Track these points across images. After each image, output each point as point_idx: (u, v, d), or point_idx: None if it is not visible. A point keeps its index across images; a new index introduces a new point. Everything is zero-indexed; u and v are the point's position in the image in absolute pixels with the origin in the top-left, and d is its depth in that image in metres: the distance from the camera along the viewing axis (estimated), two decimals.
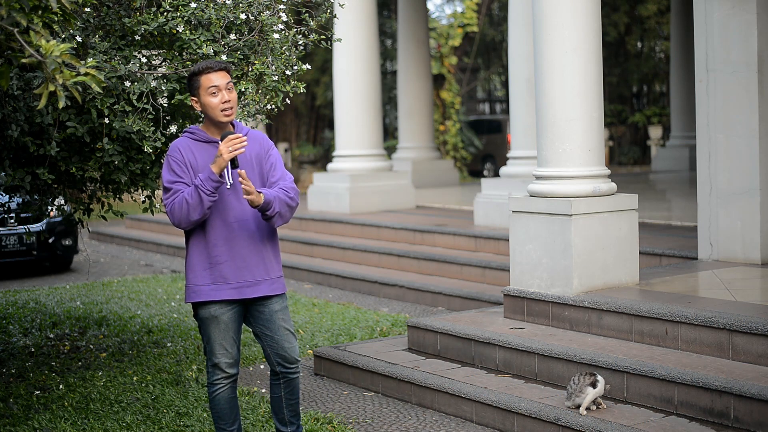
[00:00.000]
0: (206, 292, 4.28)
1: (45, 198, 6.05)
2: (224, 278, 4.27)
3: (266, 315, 4.40)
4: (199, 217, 4.18)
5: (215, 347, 4.35)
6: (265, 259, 4.35)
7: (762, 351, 5.00)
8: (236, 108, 4.30)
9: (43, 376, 6.33)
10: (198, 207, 4.14)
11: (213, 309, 4.31)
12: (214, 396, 4.42)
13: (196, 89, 4.26)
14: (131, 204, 7.11)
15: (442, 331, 6.24)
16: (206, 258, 4.28)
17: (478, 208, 10.46)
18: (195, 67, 4.27)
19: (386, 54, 24.96)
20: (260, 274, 4.33)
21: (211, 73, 4.23)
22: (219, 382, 4.40)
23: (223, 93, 4.22)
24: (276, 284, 4.39)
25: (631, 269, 6.31)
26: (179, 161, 4.25)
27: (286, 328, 4.43)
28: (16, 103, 5.01)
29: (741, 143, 6.92)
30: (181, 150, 4.28)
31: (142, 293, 9.65)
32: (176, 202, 4.18)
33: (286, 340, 4.42)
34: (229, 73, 4.30)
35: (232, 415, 4.46)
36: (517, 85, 10.06)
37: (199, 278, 4.29)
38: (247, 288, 4.31)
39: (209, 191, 4.13)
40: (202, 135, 4.33)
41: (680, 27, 17.09)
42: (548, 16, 6.18)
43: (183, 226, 4.24)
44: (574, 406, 4.90)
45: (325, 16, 5.60)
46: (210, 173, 4.13)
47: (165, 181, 4.25)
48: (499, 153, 22.96)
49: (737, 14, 6.88)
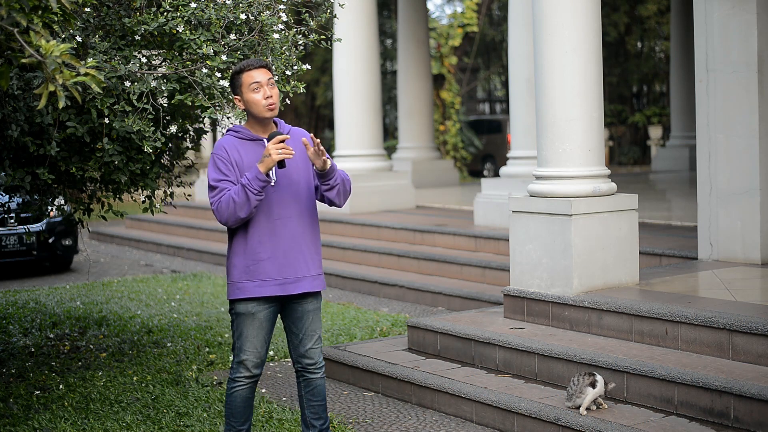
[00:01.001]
0: (250, 288, 4.30)
1: (45, 198, 6.05)
2: (267, 275, 4.29)
3: (298, 313, 4.44)
4: (245, 215, 4.21)
5: (245, 344, 4.36)
6: (307, 255, 4.37)
7: (762, 351, 5.00)
8: (278, 104, 4.34)
9: (43, 376, 6.33)
10: (245, 205, 4.18)
11: (252, 306, 4.33)
12: (232, 392, 4.43)
13: (238, 87, 4.30)
14: (131, 204, 7.10)
15: (442, 331, 6.24)
16: (250, 254, 4.30)
17: (478, 208, 10.46)
18: (235, 67, 4.32)
19: (386, 54, 24.97)
20: (302, 270, 4.35)
21: (252, 70, 4.27)
22: (241, 380, 4.40)
23: (265, 89, 4.26)
24: (317, 281, 4.42)
25: (631, 269, 6.31)
26: (225, 160, 4.27)
27: (314, 330, 4.47)
28: (16, 103, 5.01)
29: (741, 143, 6.92)
30: (227, 149, 4.30)
31: (142, 293, 9.65)
32: (223, 200, 4.21)
33: (310, 340, 4.46)
34: (270, 70, 4.34)
35: (244, 415, 4.46)
36: (517, 85, 10.06)
37: (242, 275, 4.31)
38: (290, 284, 4.33)
39: (256, 190, 4.16)
40: (246, 133, 4.35)
41: (680, 27, 17.09)
42: (548, 16, 6.18)
43: (230, 224, 4.26)
44: (574, 406, 4.90)
45: (325, 16, 5.60)
46: (257, 172, 4.16)
47: (211, 179, 4.28)
48: (499, 153, 22.96)
49: (737, 14, 6.88)
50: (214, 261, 12.28)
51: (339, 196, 4.37)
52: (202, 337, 7.45)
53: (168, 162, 6.25)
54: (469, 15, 23.50)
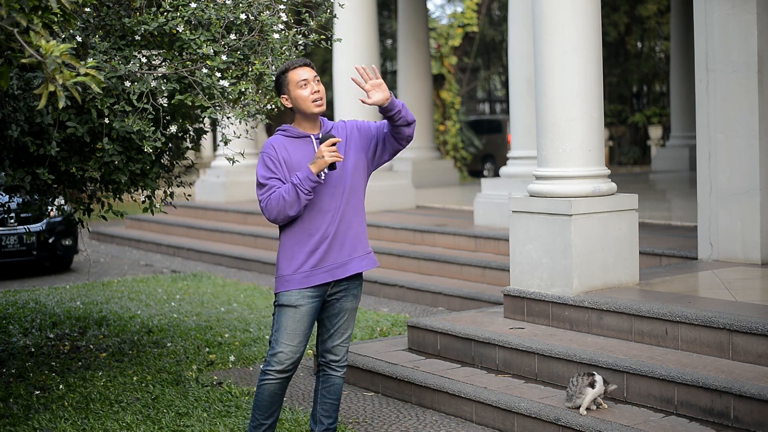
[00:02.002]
0: (298, 280, 4.37)
1: (45, 198, 6.05)
2: (316, 266, 4.36)
3: (336, 309, 4.51)
4: (294, 213, 4.28)
5: (282, 336, 4.38)
6: (356, 239, 4.45)
7: (762, 351, 5.00)
8: (325, 100, 4.39)
9: (43, 376, 6.33)
10: (295, 204, 4.25)
11: (295, 297, 4.37)
12: (262, 385, 4.44)
13: (285, 86, 4.38)
14: (131, 204, 7.10)
15: (442, 331, 6.24)
16: (302, 248, 4.37)
17: (478, 208, 10.46)
18: (280, 67, 4.41)
19: (386, 54, 24.98)
20: (349, 254, 4.42)
21: (297, 68, 4.37)
22: (271, 373, 4.41)
23: (312, 84, 4.35)
24: (366, 260, 4.48)
25: (631, 269, 6.31)
26: (273, 158, 4.34)
27: (345, 328, 4.54)
28: (16, 103, 5.01)
29: (741, 143, 6.92)
30: (275, 147, 4.37)
31: (142, 293, 9.65)
32: (272, 198, 4.28)
33: (340, 337, 4.53)
34: (312, 68, 4.41)
35: (270, 409, 4.47)
36: (517, 85, 10.06)
37: (292, 268, 4.37)
38: (337, 269, 4.40)
39: (307, 190, 4.24)
40: (294, 131, 4.43)
41: (680, 27, 17.09)
42: (548, 16, 6.18)
43: (278, 221, 4.34)
44: (574, 407, 4.90)
45: (325, 16, 5.60)
46: (309, 173, 4.23)
47: (260, 176, 4.34)
48: (499, 153, 22.96)
49: (737, 14, 6.88)
50: (214, 261, 12.28)
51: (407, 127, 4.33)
52: (202, 337, 7.45)
53: (168, 162, 6.25)
54: (469, 15, 23.51)
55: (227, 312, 8.56)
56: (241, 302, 9.09)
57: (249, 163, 15.16)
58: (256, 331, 7.67)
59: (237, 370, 6.59)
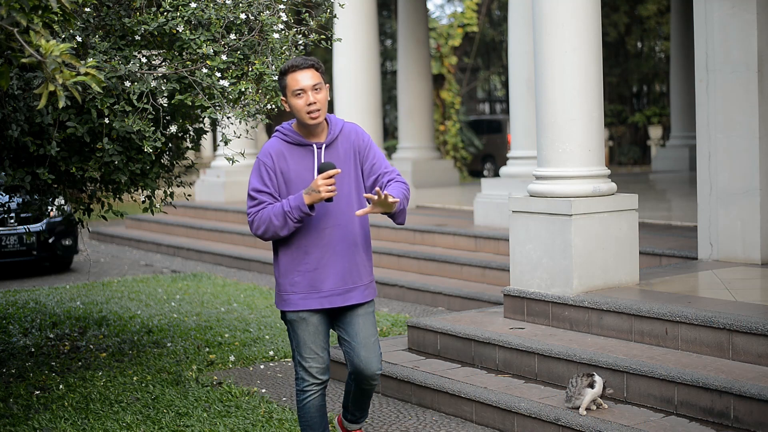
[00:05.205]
0: (295, 301, 4.15)
1: (45, 198, 6.05)
2: (314, 287, 4.12)
3: (347, 318, 4.25)
4: (285, 234, 4.04)
5: (305, 351, 4.18)
6: (359, 265, 4.20)
7: (762, 351, 5.00)
8: (325, 109, 4.07)
9: (43, 376, 6.33)
10: (283, 228, 4.01)
11: (301, 312, 4.18)
12: (305, 404, 4.23)
13: (284, 89, 4.08)
14: (131, 204, 7.11)
15: (442, 331, 6.24)
16: (296, 265, 4.13)
17: (478, 208, 10.46)
18: (283, 66, 4.08)
19: (386, 54, 24.97)
20: (352, 281, 4.17)
21: (297, 72, 4.02)
22: (310, 389, 4.22)
23: (308, 95, 4.01)
24: (368, 290, 4.24)
25: (631, 269, 6.31)
26: (270, 169, 4.08)
27: (366, 336, 4.25)
28: (16, 103, 5.01)
29: (741, 143, 6.92)
30: (273, 156, 4.09)
31: (142, 293, 9.65)
32: (261, 216, 4.04)
33: (364, 348, 4.23)
34: (318, 70, 4.06)
35: (321, 425, 4.29)
36: (517, 85, 10.06)
37: (288, 286, 4.15)
38: (337, 296, 4.15)
39: (296, 219, 3.99)
40: (294, 137, 4.13)
41: (680, 27, 17.09)
42: (548, 16, 6.18)
43: (265, 238, 4.09)
44: (573, 408, 4.89)
45: (325, 16, 5.60)
46: (301, 203, 3.96)
47: (251, 188, 4.09)
48: (499, 153, 22.97)
49: (737, 14, 6.88)
50: (214, 261, 12.28)
51: (403, 216, 4.13)
52: (202, 337, 7.45)
53: (168, 162, 6.25)
54: (469, 15, 23.52)
55: (227, 312, 8.56)
56: (241, 302, 9.09)
57: (249, 163, 15.13)
58: (256, 331, 7.67)
59: (237, 370, 6.59)
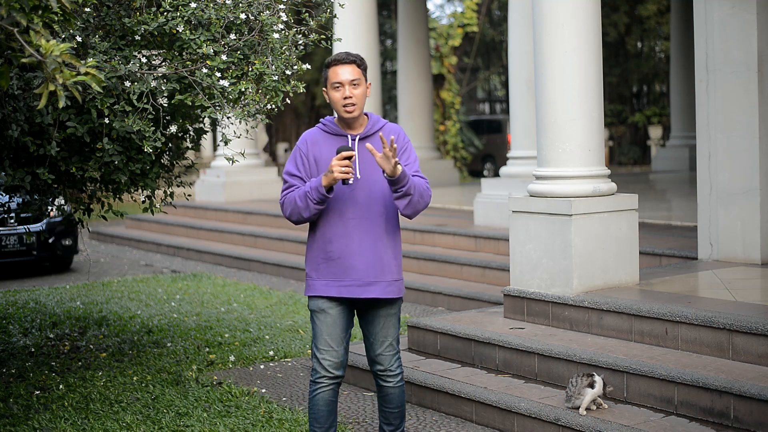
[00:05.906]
0: (317, 287, 4.26)
1: (45, 198, 6.05)
2: (335, 275, 4.22)
3: (370, 316, 4.34)
4: (308, 216, 4.18)
5: (321, 342, 4.26)
6: (383, 259, 4.23)
7: (762, 351, 5.00)
8: (361, 104, 4.20)
9: (43, 376, 6.33)
10: (305, 210, 4.15)
11: (321, 302, 4.27)
12: (314, 396, 4.31)
13: (325, 81, 4.24)
14: (131, 204, 7.11)
15: (442, 331, 6.24)
16: (321, 253, 4.25)
17: (478, 208, 10.46)
18: (327, 58, 4.24)
19: (386, 54, 24.97)
20: (374, 275, 4.22)
21: (339, 66, 4.19)
22: (321, 381, 4.28)
23: (345, 88, 4.17)
24: (391, 287, 4.26)
25: (631, 269, 6.31)
26: (304, 154, 4.26)
27: (384, 335, 4.34)
28: (16, 103, 5.01)
29: (741, 143, 6.92)
30: (308, 143, 4.28)
31: (142, 293, 9.65)
32: (288, 199, 4.22)
33: (380, 346, 4.35)
34: (360, 66, 4.21)
35: (329, 420, 4.33)
36: (517, 85, 10.06)
37: (313, 272, 4.28)
38: (357, 287, 4.21)
39: (315, 200, 4.11)
40: (332, 127, 4.30)
41: (680, 27, 17.09)
42: (548, 16, 6.18)
43: (292, 221, 4.25)
44: (573, 408, 4.89)
45: (325, 16, 5.60)
46: (318, 185, 4.09)
47: (285, 171, 4.29)
48: (499, 153, 22.97)
49: (737, 14, 6.88)
50: (214, 261, 12.28)
51: (408, 207, 4.14)
52: (202, 337, 7.45)
53: (168, 162, 6.25)
54: (469, 15, 23.53)
55: (227, 312, 8.56)
56: (241, 302, 9.09)
57: (249, 163, 15.18)
58: (256, 331, 7.67)
59: (237, 370, 6.59)
